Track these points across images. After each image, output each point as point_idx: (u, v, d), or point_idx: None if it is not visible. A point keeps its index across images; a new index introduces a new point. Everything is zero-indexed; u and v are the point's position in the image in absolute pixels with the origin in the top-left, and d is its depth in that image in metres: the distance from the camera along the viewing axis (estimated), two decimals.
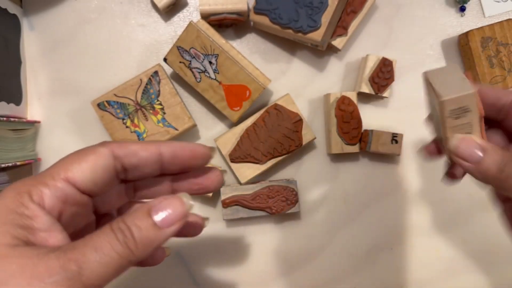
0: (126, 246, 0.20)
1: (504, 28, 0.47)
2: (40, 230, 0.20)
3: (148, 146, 0.24)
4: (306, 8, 0.43)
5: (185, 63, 0.45)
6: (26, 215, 0.20)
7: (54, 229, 0.21)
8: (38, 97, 0.49)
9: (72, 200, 0.22)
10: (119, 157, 0.23)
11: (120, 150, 0.23)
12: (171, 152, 0.25)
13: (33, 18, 0.49)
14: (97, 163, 0.22)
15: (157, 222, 0.21)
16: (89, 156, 0.22)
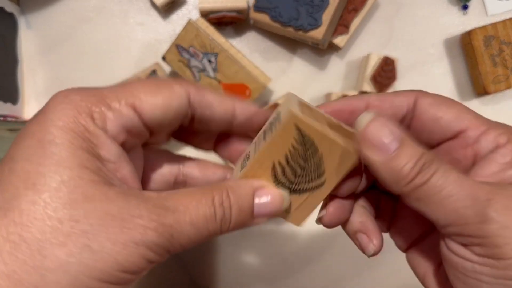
0: (220, 226, 0.18)
1: (507, 26, 0.47)
2: (108, 161, 0.17)
3: (225, 101, 0.21)
4: (307, 6, 0.43)
5: (184, 62, 0.44)
6: (93, 142, 0.17)
7: (122, 159, 0.18)
8: (36, 97, 0.49)
9: (135, 133, 0.19)
10: (194, 103, 0.20)
11: (196, 97, 0.20)
12: (246, 116, 0.22)
13: (31, 17, 0.49)
14: (171, 103, 0.19)
15: (255, 209, 0.19)
16: (164, 90, 0.19)
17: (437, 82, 0.51)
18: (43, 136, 0.16)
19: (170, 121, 0.20)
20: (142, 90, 0.19)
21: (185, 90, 0.20)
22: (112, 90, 0.19)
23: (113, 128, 0.18)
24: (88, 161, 0.16)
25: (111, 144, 0.18)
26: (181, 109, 0.20)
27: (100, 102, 0.18)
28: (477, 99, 0.50)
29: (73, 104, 0.17)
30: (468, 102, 0.50)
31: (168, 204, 0.17)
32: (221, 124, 0.22)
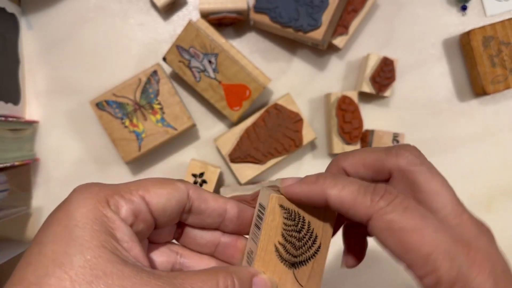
0: None
1: (506, 27, 0.47)
2: (123, 241, 0.20)
3: (218, 198, 0.25)
4: (307, 7, 0.43)
5: (184, 63, 0.44)
6: (110, 226, 0.20)
7: (134, 240, 0.21)
8: (37, 97, 0.49)
9: (143, 219, 0.22)
10: (192, 198, 0.24)
11: (194, 192, 0.24)
12: (236, 211, 0.26)
13: (32, 17, 0.49)
14: (174, 193, 0.23)
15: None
16: (168, 185, 0.23)
17: (436, 82, 0.51)
18: (68, 222, 0.20)
19: (172, 209, 0.23)
20: (150, 184, 0.23)
21: (185, 186, 0.24)
22: (126, 184, 0.22)
23: (125, 213, 0.21)
24: (107, 242, 0.19)
25: (125, 227, 0.21)
26: (182, 200, 0.23)
27: (115, 193, 0.21)
28: (476, 99, 0.51)
29: (92, 194, 0.21)
30: (467, 103, 0.51)
31: (177, 282, 0.19)
32: (214, 217, 0.25)
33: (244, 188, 0.46)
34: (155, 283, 0.19)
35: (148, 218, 0.23)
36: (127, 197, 0.22)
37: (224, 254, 0.27)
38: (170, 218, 0.24)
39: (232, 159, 0.46)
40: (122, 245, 0.20)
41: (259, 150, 0.46)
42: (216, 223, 0.26)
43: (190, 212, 0.25)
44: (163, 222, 0.24)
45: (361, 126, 0.47)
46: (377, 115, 0.50)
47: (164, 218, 0.23)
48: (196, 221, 0.25)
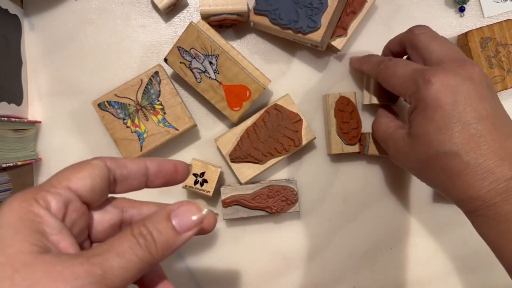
0: (147, 250, 0.21)
1: (503, 28, 0.48)
2: (51, 234, 0.21)
3: (136, 160, 0.26)
4: (306, 8, 0.43)
5: (185, 64, 0.45)
6: (37, 221, 0.21)
7: (64, 232, 0.22)
8: (39, 97, 0.49)
9: (74, 207, 0.23)
10: (112, 168, 0.25)
11: (112, 163, 0.25)
12: (156, 166, 0.27)
13: (34, 19, 0.49)
14: (94, 172, 0.24)
15: (176, 227, 0.22)
16: (86, 167, 0.24)
17: None
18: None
19: (100, 186, 0.24)
20: (69, 172, 0.23)
21: (101, 160, 0.25)
22: (49, 181, 0.23)
23: (55, 207, 0.22)
24: (30, 236, 0.20)
25: (53, 221, 0.21)
26: (104, 174, 0.24)
27: (42, 190, 0.22)
28: None
29: (18, 196, 0.22)
30: None
31: (96, 250, 0.20)
32: (139, 178, 0.26)
33: (244, 188, 0.47)
34: (76, 259, 0.19)
35: (79, 205, 0.23)
36: (53, 191, 0.22)
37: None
38: (100, 196, 0.25)
39: (232, 159, 0.47)
40: (48, 238, 0.21)
41: (259, 150, 0.47)
42: (142, 183, 0.27)
43: (115, 182, 0.26)
44: (96, 201, 0.25)
45: (360, 127, 0.48)
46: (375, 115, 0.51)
47: (95, 198, 0.24)
48: (124, 188, 0.26)
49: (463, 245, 0.52)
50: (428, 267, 0.52)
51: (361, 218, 0.51)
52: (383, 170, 0.51)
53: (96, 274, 0.19)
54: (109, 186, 0.25)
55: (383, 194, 0.51)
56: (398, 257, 0.52)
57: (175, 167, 0.28)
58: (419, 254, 0.51)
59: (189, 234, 0.23)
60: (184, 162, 0.28)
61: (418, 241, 0.51)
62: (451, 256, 0.52)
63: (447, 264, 0.52)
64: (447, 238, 0.52)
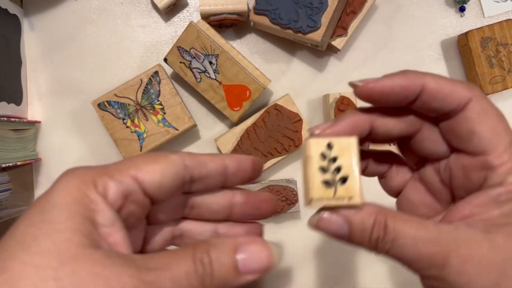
0: (202, 282, 0.19)
1: (503, 28, 0.48)
2: (103, 226, 0.19)
3: (215, 158, 0.24)
4: (306, 8, 0.43)
5: (185, 63, 0.45)
6: (91, 208, 0.19)
7: (116, 225, 0.20)
8: (39, 97, 0.49)
9: (134, 200, 0.21)
10: (189, 167, 0.22)
11: (190, 160, 0.22)
12: (235, 164, 0.24)
13: (34, 19, 0.49)
14: (168, 168, 0.21)
15: (239, 265, 0.20)
16: (161, 160, 0.21)
17: None
18: (46, 203, 0.18)
19: (169, 185, 0.22)
20: (142, 161, 0.21)
21: (180, 157, 0.22)
22: (116, 164, 0.21)
23: (112, 196, 0.20)
24: (82, 225, 0.18)
25: (108, 211, 0.19)
26: (178, 173, 0.22)
27: (104, 174, 0.20)
28: None
29: (77, 175, 0.19)
30: None
31: (151, 263, 0.18)
32: (218, 178, 0.24)
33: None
34: (127, 266, 0.18)
35: (141, 198, 0.21)
36: (117, 178, 0.20)
37: (239, 213, 0.26)
38: (168, 194, 0.22)
39: None
40: (100, 229, 0.19)
41: (259, 150, 0.47)
42: (220, 182, 0.24)
43: (192, 181, 0.23)
44: (161, 198, 0.22)
45: None
46: None
47: (161, 194, 0.22)
48: (200, 187, 0.24)
49: None
50: None
51: None
52: None
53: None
54: (184, 185, 0.23)
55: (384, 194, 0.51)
56: None
57: (253, 164, 0.25)
58: None
59: (249, 278, 0.20)
60: (258, 158, 0.26)
61: None
62: None
63: None
64: None
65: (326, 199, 0.22)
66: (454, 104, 0.21)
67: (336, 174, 0.23)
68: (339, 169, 0.23)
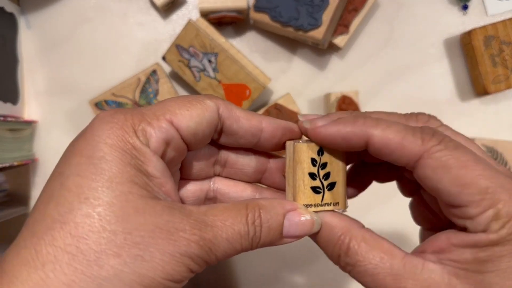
0: (251, 242, 0.20)
1: (507, 26, 0.47)
2: (154, 176, 0.19)
3: (252, 117, 0.22)
4: (307, 6, 0.43)
5: (184, 62, 0.44)
6: (140, 159, 0.18)
7: (166, 175, 0.19)
8: (36, 97, 0.49)
9: (174, 146, 0.20)
10: (222, 117, 0.22)
11: (225, 111, 0.22)
12: (272, 130, 0.23)
13: (30, 17, 0.49)
14: (203, 114, 0.21)
15: (284, 230, 0.21)
16: (197, 105, 0.21)
17: (437, 82, 0.51)
18: (93, 153, 0.18)
19: (203, 132, 0.21)
20: (176, 106, 0.20)
21: (215, 103, 0.21)
22: (150, 109, 0.20)
23: (155, 144, 0.19)
24: (137, 177, 0.18)
25: (157, 161, 0.19)
26: (213, 120, 0.21)
27: (142, 120, 0.19)
28: (477, 99, 0.50)
29: (119, 123, 0.19)
30: (468, 102, 0.50)
31: (208, 220, 0.19)
32: (248, 138, 0.23)
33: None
34: (188, 221, 0.18)
35: (180, 144, 0.21)
36: (155, 125, 0.19)
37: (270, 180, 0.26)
38: (202, 141, 0.22)
39: None
40: (153, 180, 0.19)
41: None
42: (250, 143, 0.23)
43: (221, 132, 0.22)
44: (195, 146, 0.22)
45: None
46: None
47: (195, 142, 0.21)
48: (229, 141, 0.23)
49: None
50: None
51: (362, 219, 0.50)
52: None
53: (205, 250, 0.18)
54: (213, 133, 0.22)
55: (385, 195, 0.51)
56: None
57: (291, 132, 0.24)
58: None
59: (288, 241, 0.21)
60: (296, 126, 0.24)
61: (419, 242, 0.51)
62: None
63: None
64: None
65: (313, 205, 0.23)
66: (403, 161, 0.20)
67: (325, 180, 0.23)
68: (327, 175, 0.23)
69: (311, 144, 0.22)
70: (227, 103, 0.22)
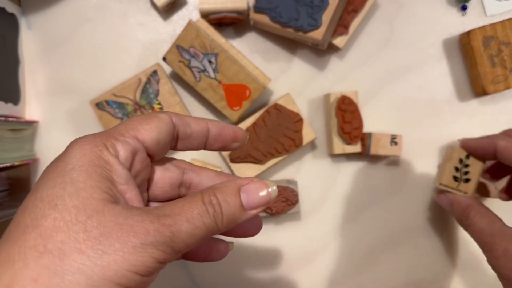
0: (214, 220, 0.21)
1: (506, 27, 0.47)
2: (119, 183, 0.21)
3: (199, 121, 0.26)
4: (307, 7, 0.43)
5: (184, 62, 0.44)
6: (107, 168, 0.21)
7: (130, 183, 0.22)
8: (37, 97, 0.49)
9: (139, 158, 0.23)
10: (176, 125, 0.25)
11: (177, 119, 0.25)
12: (217, 130, 0.27)
13: (32, 17, 0.49)
14: (161, 125, 0.24)
15: (244, 202, 0.23)
16: (154, 119, 0.24)
17: (436, 82, 0.51)
18: (64, 167, 0.20)
19: (164, 140, 0.24)
20: (137, 123, 0.23)
21: (168, 115, 0.24)
22: (116, 129, 0.23)
23: (123, 155, 0.22)
24: (101, 182, 0.20)
25: (122, 170, 0.21)
26: (169, 129, 0.24)
27: (110, 137, 0.22)
28: (476, 100, 0.51)
29: (89, 140, 0.21)
30: (467, 103, 0.51)
31: (166, 211, 0.20)
32: (199, 138, 0.26)
33: None
34: (146, 215, 0.20)
35: (144, 156, 0.23)
36: (122, 139, 0.22)
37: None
38: (164, 150, 0.25)
39: (232, 159, 0.46)
40: (117, 187, 0.21)
41: (259, 150, 0.46)
42: (201, 143, 0.27)
43: (177, 138, 0.26)
44: (159, 155, 0.25)
45: (361, 126, 0.47)
46: (377, 115, 0.50)
47: (159, 151, 0.24)
48: (184, 146, 0.26)
49: (465, 245, 0.51)
50: (430, 267, 0.51)
51: (362, 219, 0.51)
52: (385, 171, 0.51)
53: (166, 235, 0.19)
54: (171, 141, 0.25)
55: (385, 195, 0.51)
56: (400, 258, 0.51)
57: (235, 133, 0.28)
58: (421, 255, 0.51)
59: (253, 213, 0.23)
60: (242, 129, 0.28)
61: (420, 242, 0.51)
62: (453, 256, 0.51)
63: (449, 264, 0.51)
64: (449, 238, 0.51)
65: (450, 187, 0.41)
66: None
67: (464, 175, 0.40)
68: (467, 172, 0.40)
69: (462, 150, 0.40)
70: (178, 114, 0.25)
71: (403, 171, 0.51)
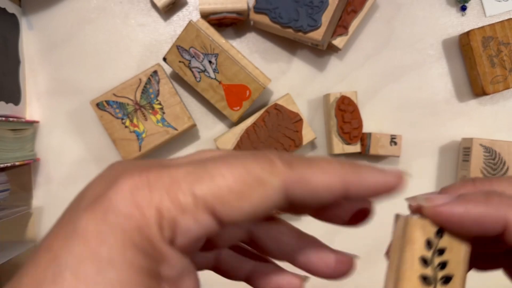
0: None
1: (505, 27, 0.47)
2: (168, 279, 0.15)
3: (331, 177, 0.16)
4: (306, 7, 0.43)
5: (184, 63, 0.45)
6: (155, 258, 0.14)
7: (186, 275, 0.15)
8: (37, 97, 0.49)
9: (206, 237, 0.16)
10: (292, 195, 0.16)
11: (297, 187, 0.16)
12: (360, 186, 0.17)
13: (32, 18, 0.49)
14: (261, 206, 0.15)
15: None
16: (256, 190, 0.15)
17: (435, 82, 0.51)
18: (98, 250, 0.13)
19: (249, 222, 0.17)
20: (225, 183, 0.14)
21: (282, 181, 0.15)
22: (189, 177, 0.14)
23: (183, 240, 0.15)
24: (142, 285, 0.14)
25: (177, 259, 0.15)
26: (273, 205, 0.15)
27: (173, 201, 0.14)
28: (475, 100, 0.51)
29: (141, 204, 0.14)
30: (466, 103, 0.51)
31: None
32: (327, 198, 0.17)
33: None
34: None
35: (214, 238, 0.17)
36: (190, 215, 0.14)
37: None
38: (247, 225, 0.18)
39: None
40: (163, 285, 0.14)
41: (259, 150, 0.46)
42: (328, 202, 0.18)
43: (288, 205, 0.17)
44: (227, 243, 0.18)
45: (361, 126, 0.47)
46: (376, 115, 0.50)
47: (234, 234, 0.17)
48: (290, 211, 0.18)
49: None
50: None
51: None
52: None
53: None
54: None
55: None
56: None
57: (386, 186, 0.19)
58: None
59: None
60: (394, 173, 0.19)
61: None
62: None
63: None
64: None
65: None
66: None
67: (439, 270, 0.19)
68: (444, 264, 0.19)
69: (428, 221, 0.18)
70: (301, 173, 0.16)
71: None
